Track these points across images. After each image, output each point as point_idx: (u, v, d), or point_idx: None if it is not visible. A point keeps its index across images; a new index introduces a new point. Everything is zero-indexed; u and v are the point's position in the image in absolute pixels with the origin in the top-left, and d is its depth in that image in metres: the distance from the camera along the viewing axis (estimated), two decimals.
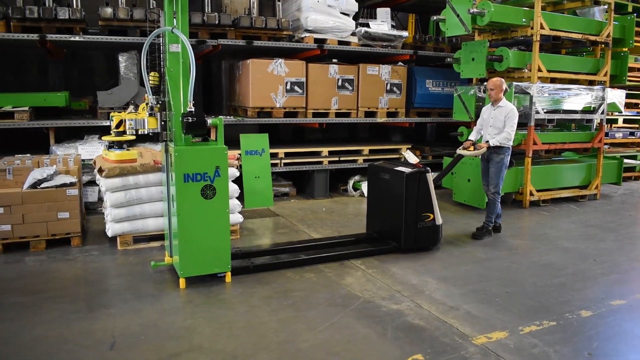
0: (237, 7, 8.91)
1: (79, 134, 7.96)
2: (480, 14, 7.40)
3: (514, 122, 6.22)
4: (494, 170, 6.34)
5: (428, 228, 5.74)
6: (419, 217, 5.66)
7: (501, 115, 6.26)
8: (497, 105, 6.34)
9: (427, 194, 5.70)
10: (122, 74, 7.78)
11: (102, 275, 5.04)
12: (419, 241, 5.75)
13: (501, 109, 6.30)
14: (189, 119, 4.31)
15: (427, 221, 5.71)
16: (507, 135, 6.19)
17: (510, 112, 6.22)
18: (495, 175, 6.34)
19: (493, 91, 6.30)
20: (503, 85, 6.31)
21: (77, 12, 7.30)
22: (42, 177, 5.65)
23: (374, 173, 6.15)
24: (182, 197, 4.48)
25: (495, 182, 6.35)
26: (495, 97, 6.31)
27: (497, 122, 6.29)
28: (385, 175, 5.92)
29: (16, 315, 4.09)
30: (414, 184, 5.59)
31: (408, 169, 5.65)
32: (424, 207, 5.69)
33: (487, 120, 6.46)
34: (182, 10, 4.48)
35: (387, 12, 9.35)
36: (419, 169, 5.69)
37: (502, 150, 6.26)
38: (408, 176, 5.58)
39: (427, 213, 5.70)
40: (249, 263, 5.06)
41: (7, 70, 8.75)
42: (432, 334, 3.87)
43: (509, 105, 6.33)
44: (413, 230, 5.66)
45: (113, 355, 3.52)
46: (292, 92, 8.36)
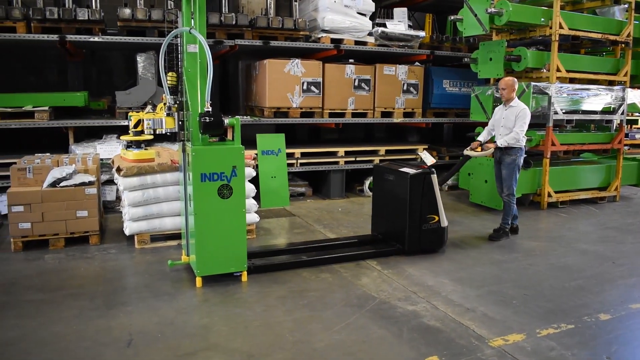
0: (254, 7, 8.95)
1: (97, 133, 8.05)
2: (498, 13, 7.34)
3: (525, 123, 6.12)
4: (507, 172, 6.26)
5: (433, 230, 5.65)
6: (424, 219, 5.58)
7: (512, 115, 6.18)
8: (509, 105, 6.26)
9: (432, 196, 5.61)
10: (140, 74, 7.85)
11: (119, 273, 5.09)
12: (424, 243, 5.66)
13: (512, 109, 6.21)
14: (206, 118, 4.34)
15: (432, 223, 5.63)
16: (516, 135, 6.09)
17: (521, 112, 6.13)
18: (508, 177, 6.26)
19: (505, 91, 6.23)
20: (515, 85, 6.24)
21: (96, 13, 7.38)
22: (61, 176, 5.72)
23: (379, 174, 6.09)
24: (199, 197, 4.51)
25: (509, 184, 6.27)
26: (507, 96, 6.24)
27: (508, 122, 6.21)
28: (389, 177, 5.85)
29: (36, 312, 4.15)
30: (418, 186, 5.51)
31: (412, 170, 5.57)
32: (429, 209, 5.61)
33: (498, 121, 6.39)
34: (199, 11, 4.51)
35: (404, 12, 9.32)
36: (424, 170, 5.60)
37: (514, 152, 6.18)
38: (412, 177, 5.49)
39: (432, 215, 5.62)
40: (250, 264, 4.98)
41: (28, 70, 8.88)
42: (449, 335, 3.85)
43: (521, 105, 6.24)
44: (417, 232, 5.58)
45: (130, 352, 3.55)
46: (309, 92, 8.37)
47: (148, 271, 5.08)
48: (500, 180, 6.42)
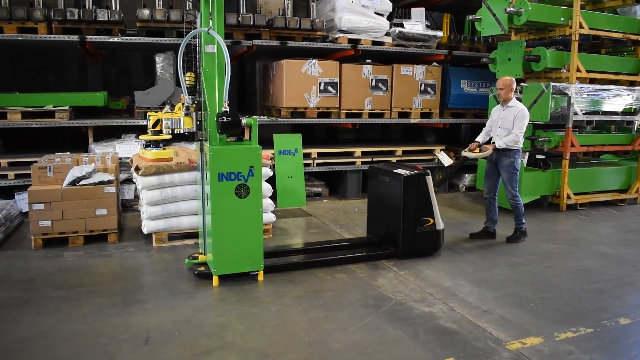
0: (271, 7, 8.97)
1: (116, 132, 8.13)
2: (517, 13, 7.28)
3: (523, 124, 5.97)
4: (506, 175, 6.10)
5: (428, 233, 5.52)
6: (418, 222, 5.45)
7: (510, 115, 6.04)
8: (507, 105, 6.12)
9: (427, 198, 5.47)
10: (159, 74, 7.92)
11: (137, 271, 5.14)
12: (418, 247, 5.53)
13: (510, 110, 6.07)
14: (224, 118, 4.36)
15: (427, 226, 5.50)
16: (515, 137, 5.93)
17: (519, 113, 5.97)
18: (508, 181, 6.12)
19: (503, 90, 6.07)
20: (513, 84, 6.10)
21: (115, 14, 7.46)
22: (81, 175, 5.80)
23: (374, 175, 5.94)
24: (217, 196, 4.53)
25: (511, 188, 6.12)
26: (505, 96, 6.09)
27: (506, 123, 6.07)
28: (384, 178, 5.71)
29: (55, 309, 4.20)
30: (412, 187, 5.38)
31: (406, 172, 5.43)
32: (424, 212, 5.47)
33: (496, 121, 6.26)
34: (217, 12, 4.54)
35: (421, 12, 9.28)
36: (419, 171, 5.45)
37: (511, 153, 6.02)
38: (406, 179, 5.35)
39: (426, 217, 5.48)
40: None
41: (49, 70, 9.00)
42: (465, 338, 3.82)
43: (519, 105, 6.10)
44: (411, 235, 5.45)
45: (147, 350, 3.59)
46: (326, 92, 8.37)
47: (165, 269, 5.12)
48: (489, 179, 6.29)
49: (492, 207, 6.34)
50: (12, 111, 7.22)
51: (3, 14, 7.05)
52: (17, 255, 5.50)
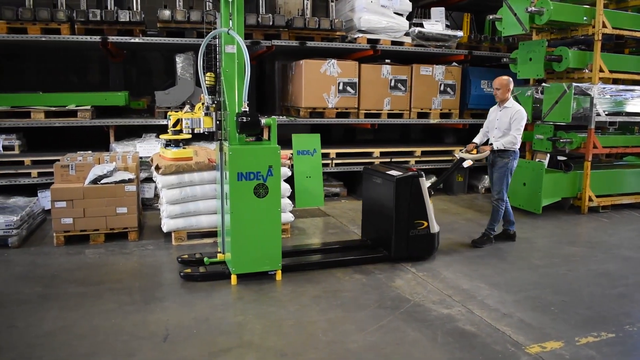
0: (290, 8, 8.99)
1: (137, 132, 8.22)
2: (539, 12, 7.20)
3: (521, 125, 5.84)
4: (498, 175, 5.98)
5: (421, 237, 5.38)
6: (411, 225, 5.32)
7: (506, 116, 5.93)
8: (504, 105, 6.01)
9: (420, 200, 5.33)
10: (179, 74, 7.98)
11: (157, 269, 5.19)
12: (411, 250, 5.40)
13: (507, 110, 5.96)
14: (244, 118, 4.38)
15: (421, 229, 5.36)
16: (513, 139, 5.80)
17: (516, 114, 5.85)
18: (498, 181, 5.99)
19: (499, 91, 5.96)
20: (510, 85, 5.98)
21: (137, 15, 7.54)
22: (102, 174, 5.87)
23: (368, 177, 5.81)
24: (236, 195, 4.55)
25: (499, 189, 5.98)
26: (501, 97, 5.98)
27: (503, 124, 5.96)
28: (377, 180, 5.57)
29: (76, 305, 4.26)
30: (405, 190, 5.24)
31: (399, 173, 5.31)
32: (417, 214, 5.34)
33: (492, 122, 6.16)
34: (237, 12, 4.56)
35: (441, 12, 9.23)
36: (412, 173, 5.31)
37: (507, 155, 5.90)
38: (398, 181, 5.22)
39: (420, 220, 5.35)
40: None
41: (71, 70, 9.13)
42: (484, 340, 3.79)
43: (516, 106, 5.98)
44: (404, 238, 5.32)
45: (166, 347, 3.62)
46: (345, 92, 8.37)
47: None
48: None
49: (507, 210, 6.22)
50: (36, 110, 7.34)
51: (27, 15, 7.17)
52: (40, 252, 5.59)
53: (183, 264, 5.14)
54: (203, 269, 4.91)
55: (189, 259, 5.19)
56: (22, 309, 4.17)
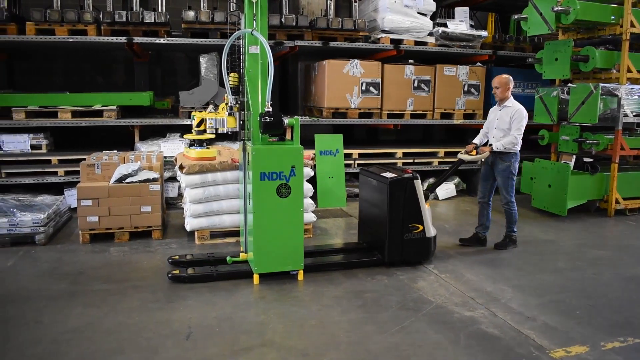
0: (313, 8, 9.00)
1: (161, 132, 8.31)
2: (565, 11, 7.09)
3: (522, 125, 5.68)
4: (501, 179, 5.81)
5: (416, 240, 5.24)
6: (406, 228, 5.18)
7: (507, 116, 5.78)
8: (503, 105, 5.86)
9: (415, 203, 5.19)
10: (203, 74, 8.05)
11: None
12: (406, 254, 5.25)
13: (507, 110, 5.81)
14: (267, 118, 4.40)
15: (415, 232, 5.22)
16: (513, 139, 5.65)
17: (516, 114, 5.70)
18: (503, 186, 5.83)
19: (498, 89, 5.81)
20: (510, 83, 5.83)
21: (161, 16, 7.62)
22: (127, 173, 5.95)
23: (364, 178, 5.69)
24: (258, 195, 4.58)
25: (506, 193, 5.83)
26: (500, 96, 5.83)
27: (503, 124, 5.81)
28: (372, 182, 5.45)
29: (101, 302, 4.33)
30: (399, 192, 5.12)
31: (393, 175, 5.19)
32: (412, 218, 5.20)
33: (492, 122, 6.00)
34: (261, 13, 4.59)
35: (465, 12, 9.15)
36: (406, 175, 5.17)
37: (508, 157, 5.74)
38: (392, 183, 5.10)
39: (415, 224, 5.21)
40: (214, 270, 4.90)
41: (97, 71, 9.27)
42: (507, 344, 3.75)
43: (516, 105, 5.80)
44: (398, 242, 5.19)
45: (189, 345, 3.65)
46: (367, 92, 8.35)
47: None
48: (485, 183, 6.01)
49: (485, 212, 6.06)
50: (63, 110, 7.47)
51: (55, 16, 7.30)
52: (66, 250, 5.69)
53: (173, 265, 5.15)
54: (191, 270, 4.91)
55: (179, 260, 5.20)
56: (48, 305, 4.25)
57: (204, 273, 4.86)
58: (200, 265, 5.12)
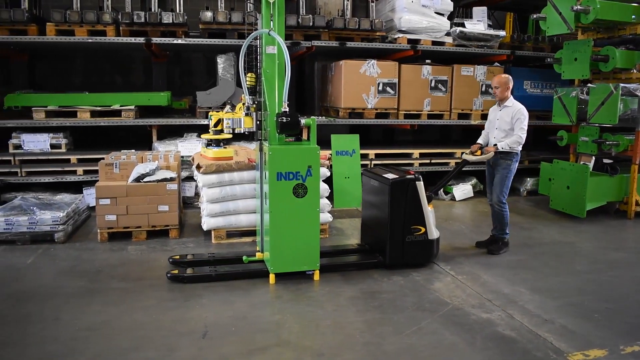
0: (330, 8, 9.00)
1: (179, 131, 8.36)
2: (585, 11, 7.00)
3: (524, 125, 5.59)
4: (499, 177, 5.72)
5: (418, 243, 5.16)
6: (407, 230, 5.11)
7: (507, 116, 5.69)
8: (503, 105, 5.77)
9: (417, 205, 5.11)
10: (220, 74, 8.09)
11: None
12: (407, 257, 5.17)
13: (507, 109, 5.72)
14: (283, 118, 4.42)
15: (417, 235, 5.14)
16: (518, 139, 5.56)
17: (517, 113, 5.61)
18: (499, 183, 5.73)
19: (498, 89, 5.70)
20: (509, 83, 5.74)
21: (179, 17, 7.68)
22: (145, 172, 6.00)
23: (366, 179, 5.62)
24: (275, 195, 4.59)
25: (499, 191, 5.73)
26: (500, 96, 5.73)
27: (503, 124, 5.72)
28: (374, 183, 5.38)
29: (119, 300, 4.37)
30: (400, 194, 5.04)
31: (395, 176, 5.12)
32: (413, 220, 5.11)
33: (492, 122, 5.91)
34: (278, 13, 4.60)
35: (483, 11, 9.08)
36: (408, 176, 5.11)
37: (510, 156, 5.67)
38: (393, 184, 5.02)
39: (417, 226, 5.13)
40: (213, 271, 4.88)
41: (116, 71, 9.37)
42: (524, 346, 3.71)
43: (517, 105, 5.71)
44: (400, 244, 5.11)
45: (205, 344, 3.67)
46: (384, 93, 8.33)
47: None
48: (491, 184, 5.93)
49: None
50: (82, 110, 7.56)
51: (75, 17, 7.38)
52: (85, 248, 5.76)
53: (174, 265, 5.14)
54: (190, 270, 4.90)
55: (180, 259, 5.20)
56: (67, 302, 4.31)
57: (202, 273, 4.85)
58: (200, 265, 5.10)
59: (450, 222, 7.13)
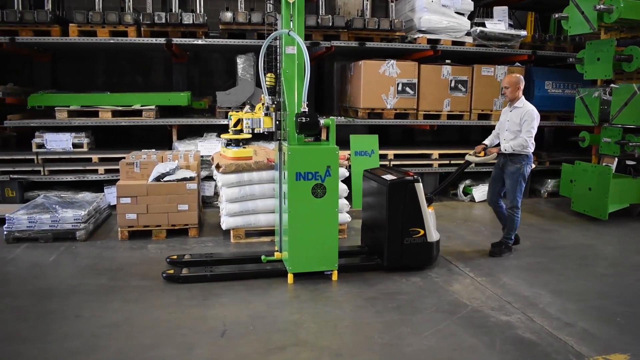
0: (350, 8, 8.99)
1: (198, 131, 8.42)
2: (608, 10, 6.90)
3: (533, 127, 5.42)
4: (510, 182, 5.58)
5: (417, 245, 5.05)
6: (406, 232, 5.00)
7: (517, 117, 5.54)
8: (514, 105, 5.62)
9: (416, 207, 5.00)
10: (240, 75, 8.13)
11: None
12: (406, 259, 5.08)
13: (518, 111, 5.55)
14: (303, 119, 4.42)
15: (416, 237, 5.03)
16: (523, 141, 5.41)
17: (526, 115, 5.44)
18: (511, 189, 5.59)
19: (508, 89, 5.53)
20: (520, 83, 5.57)
21: (200, 17, 7.74)
22: (165, 171, 6.05)
23: (366, 180, 5.51)
24: (294, 195, 4.60)
25: (512, 197, 5.59)
26: (510, 96, 5.55)
27: (513, 125, 5.58)
28: (373, 183, 5.28)
29: (139, 298, 4.42)
30: (398, 195, 4.93)
31: (393, 177, 4.99)
32: (412, 222, 5.01)
33: (502, 123, 5.76)
34: (298, 14, 4.60)
35: (504, 11, 9.00)
36: (407, 177, 5.00)
37: (519, 159, 5.51)
38: (391, 186, 4.91)
39: (415, 228, 5.02)
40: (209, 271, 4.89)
41: (137, 71, 9.47)
42: (545, 350, 3.67)
43: (528, 106, 5.53)
44: (398, 246, 5.01)
45: (224, 342, 3.69)
46: (403, 93, 8.30)
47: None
48: (494, 186, 5.82)
49: (502, 214, 5.87)
50: (103, 110, 7.66)
51: (97, 18, 7.48)
52: (105, 246, 5.83)
53: (171, 265, 5.13)
54: (186, 270, 4.90)
55: (177, 260, 5.18)
56: (88, 299, 4.37)
57: (197, 274, 4.85)
58: (197, 265, 5.09)
59: (469, 223, 7.08)
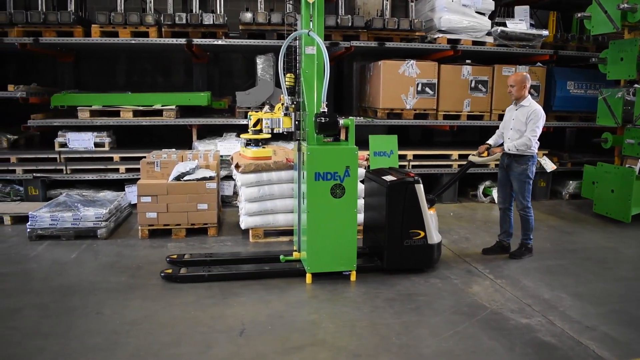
0: (369, 9, 8.98)
1: (218, 131, 8.47)
2: (632, 9, 6.79)
3: (537, 126, 5.31)
4: (518, 184, 5.49)
5: (417, 247, 4.98)
6: (406, 234, 4.94)
7: (523, 116, 5.41)
8: (520, 104, 5.50)
9: (416, 208, 4.93)
10: (259, 75, 8.16)
11: None
12: (406, 261, 5.02)
13: (523, 110, 5.44)
14: (322, 119, 4.43)
15: (416, 239, 4.96)
16: (527, 141, 5.30)
17: (532, 114, 5.34)
18: (519, 191, 5.50)
19: (514, 88, 5.43)
20: (526, 81, 5.45)
21: (220, 18, 7.78)
22: (185, 171, 6.11)
23: (367, 181, 5.44)
24: (312, 195, 4.61)
25: (522, 197, 5.50)
26: (516, 95, 5.45)
27: (518, 124, 5.47)
28: (374, 184, 5.23)
29: (158, 296, 4.46)
30: (398, 196, 4.87)
31: (393, 178, 4.94)
32: (412, 223, 4.94)
33: (507, 122, 5.67)
34: (318, 14, 4.61)
35: (525, 10, 8.90)
36: (408, 178, 4.93)
37: (524, 160, 5.42)
38: (391, 186, 4.86)
39: (416, 230, 4.96)
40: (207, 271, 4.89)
41: (158, 71, 9.56)
42: (565, 354, 3.63)
43: (534, 105, 5.43)
44: (398, 248, 4.95)
45: (242, 341, 3.71)
46: (423, 93, 8.25)
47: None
48: (503, 188, 5.71)
49: (507, 218, 5.76)
50: (125, 110, 7.74)
51: (118, 19, 7.57)
52: (126, 244, 5.90)
53: (171, 264, 5.14)
54: (184, 270, 4.90)
55: (177, 259, 5.19)
56: (108, 297, 4.42)
57: (195, 273, 4.86)
58: (195, 265, 5.10)
59: (488, 225, 7.02)
